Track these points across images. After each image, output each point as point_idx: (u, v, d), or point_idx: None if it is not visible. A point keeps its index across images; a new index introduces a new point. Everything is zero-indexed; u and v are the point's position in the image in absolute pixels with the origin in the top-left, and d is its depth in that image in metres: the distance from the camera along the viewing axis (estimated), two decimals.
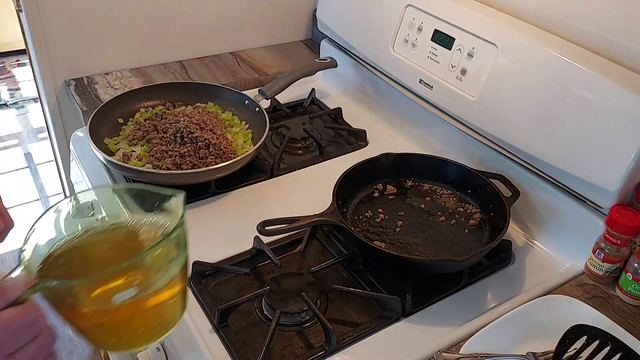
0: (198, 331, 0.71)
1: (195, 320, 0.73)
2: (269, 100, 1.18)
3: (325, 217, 0.80)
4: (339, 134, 1.16)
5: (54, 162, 1.49)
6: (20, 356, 0.40)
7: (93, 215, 0.71)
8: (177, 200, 0.50)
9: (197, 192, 0.95)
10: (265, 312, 0.75)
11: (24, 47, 1.27)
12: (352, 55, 1.25)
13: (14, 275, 0.43)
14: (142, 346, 0.54)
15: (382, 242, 0.84)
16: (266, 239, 0.82)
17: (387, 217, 0.89)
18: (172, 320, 0.51)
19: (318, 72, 1.27)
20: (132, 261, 0.44)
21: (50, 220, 0.49)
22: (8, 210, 0.58)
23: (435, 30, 0.99)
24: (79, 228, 0.51)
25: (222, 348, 0.70)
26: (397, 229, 0.87)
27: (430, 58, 1.00)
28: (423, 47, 1.02)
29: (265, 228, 0.76)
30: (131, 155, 0.97)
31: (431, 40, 1.00)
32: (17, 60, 3.42)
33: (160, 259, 0.45)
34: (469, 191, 0.93)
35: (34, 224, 0.48)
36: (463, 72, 0.94)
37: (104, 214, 0.52)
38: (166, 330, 0.51)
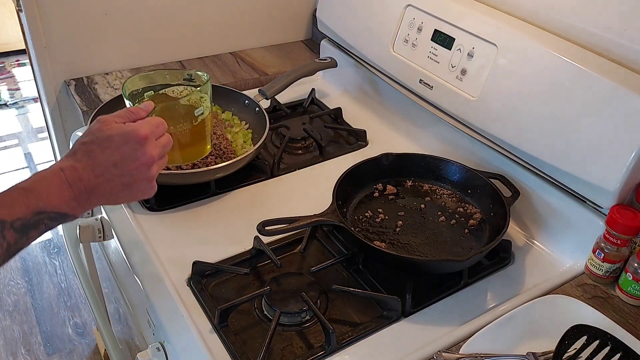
0: (198, 331, 0.72)
1: (195, 320, 0.73)
2: (269, 100, 1.18)
3: (325, 217, 0.80)
4: (339, 134, 1.16)
5: (54, 162, 1.49)
6: (161, 140, 0.67)
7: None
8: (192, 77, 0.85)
9: (197, 192, 0.95)
10: (265, 312, 0.75)
11: (24, 47, 1.27)
12: (352, 55, 1.25)
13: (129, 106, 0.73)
14: (198, 159, 0.87)
15: (382, 242, 0.84)
16: (266, 239, 0.82)
17: (387, 217, 0.89)
18: (208, 143, 0.85)
19: (318, 72, 1.27)
20: (202, 88, 0.78)
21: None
22: None
23: (435, 30, 0.99)
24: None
25: (222, 348, 0.70)
26: (397, 229, 0.87)
27: (430, 58, 1.00)
28: (423, 47, 1.02)
29: (265, 228, 0.76)
30: None
31: (431, 40, 1.00)
32: (17, 60, 3.42)
33: (206, 93, 0.79)
34: (469, 191, 0.93)
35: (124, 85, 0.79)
36: (463, 72, 0.94)
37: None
38: (206, 151, 0.86)
